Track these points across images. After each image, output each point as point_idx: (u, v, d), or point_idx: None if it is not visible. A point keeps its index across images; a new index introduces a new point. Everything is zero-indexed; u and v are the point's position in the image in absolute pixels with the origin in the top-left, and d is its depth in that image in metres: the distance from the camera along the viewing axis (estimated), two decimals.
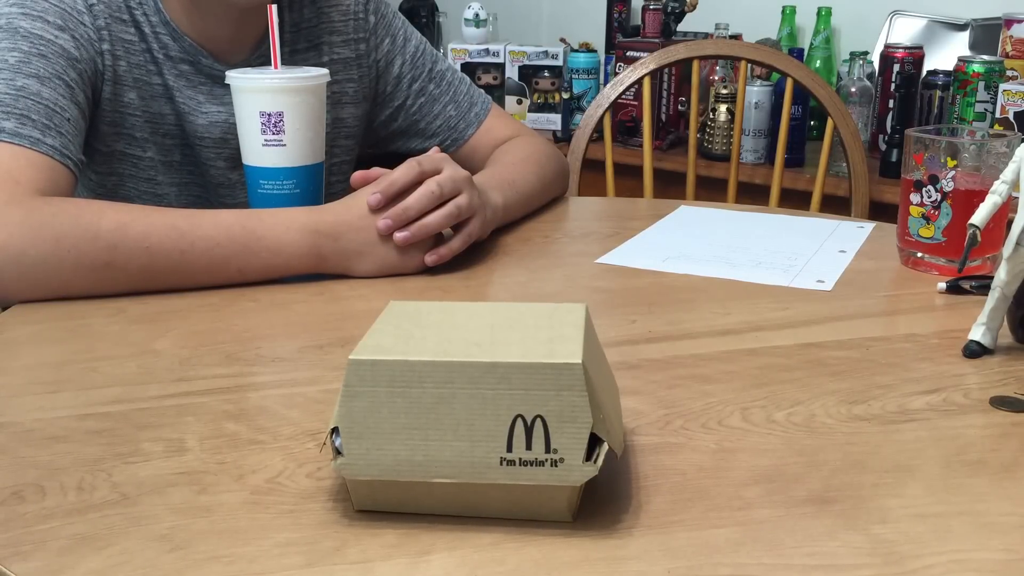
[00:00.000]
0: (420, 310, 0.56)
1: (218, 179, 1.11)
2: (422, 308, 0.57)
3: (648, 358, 0.73)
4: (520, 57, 2.55)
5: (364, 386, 0.49)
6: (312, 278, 0.91)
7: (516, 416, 0.49)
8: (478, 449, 0.49)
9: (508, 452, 0.49)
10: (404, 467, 0.49)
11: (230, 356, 0.74)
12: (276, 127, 0.94)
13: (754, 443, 0.60)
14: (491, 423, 0.49)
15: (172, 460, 0.58)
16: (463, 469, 0.49)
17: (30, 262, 0.82)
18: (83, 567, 0.47)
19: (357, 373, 0.49)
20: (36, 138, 0.89)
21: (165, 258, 0.85)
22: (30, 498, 0.53)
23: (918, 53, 2.15)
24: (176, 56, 1.05)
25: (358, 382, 0.49)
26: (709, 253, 1.01)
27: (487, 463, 0.49)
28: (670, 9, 2.42)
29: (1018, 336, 0.76)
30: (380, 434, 0.49)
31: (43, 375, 0.70)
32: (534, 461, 0.49)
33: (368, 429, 0.49)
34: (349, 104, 1.17)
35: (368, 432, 0.49)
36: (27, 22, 0.94)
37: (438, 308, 0.57)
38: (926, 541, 0.50)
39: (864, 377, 0.70)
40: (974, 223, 0.78)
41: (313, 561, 0.48)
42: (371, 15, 1.17)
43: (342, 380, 0.50)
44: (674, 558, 0.48)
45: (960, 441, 0.61)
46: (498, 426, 0.49)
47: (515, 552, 0.48)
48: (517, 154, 1.17)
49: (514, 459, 0.49)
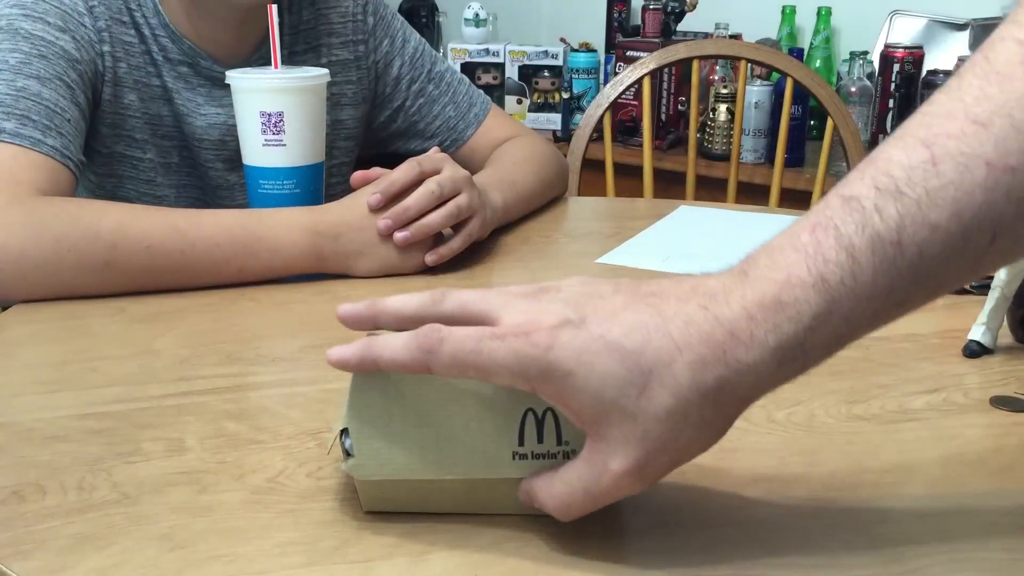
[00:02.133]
0: None
1: (216, 181, 1.11)
2: None
3: None
4: (520, 57, 2.55)
5: (373, 386, 0.49)
6: (312, 278, 0.91)
7: (527, 410, 0.49)
8: (490, 445, 0.49)
9: (520, 446, 0.49)
10: (416, 466, 0.49)
11: (230, 356, 0.74)
12: (276, 127, 0.94)
13: (754, 443, 0.60)
14: (501, 418, 0.49)
15: (172, 460, 0.58)
16: (475, 465, 0.49)
17: (30, 262, 0.82)
18: (84, 566, 0.47)
19: (366, 373, 0.49)
20: (37, 139, 0.89)
21: (165, 258, 0.85)
22: (30, 497, 0.53)
23: (918, 53, 2.15)
24: (175, 58, 1.05)
25: (366, 382, 0.49)
26: (709, 253, 1.01)
27: (500, 458, 0.49)
28: (670, 9, 2.42)
29: (1018, 336, 0.76)
30: (391, 434, 0.49)
31: (43, 375, 0.70)
32: (546, 454, 0.49)
33: (378, 429, 0.49)
34: (348, 106, 1.17)
35: (379, 432, 0.49)
36: (28, 23, 0.94)
37: None
38: (926, 541, 0.50)
39: (864, 377, 0.70)
40: None
41: (313, 560, 0.48)
42: (370, 17, 1.17)
43: (349, 381, 0.50)
44: (674, 558, 0.48)
45: (960, 441, 0.61)
46: (509, 421, 0.49)
47: (515, 552, 0.48)
48: (517, 154, 1.17)
49: (526, 453, 0.49)
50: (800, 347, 0.44)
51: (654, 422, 0.44)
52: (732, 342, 0.44)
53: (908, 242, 0.43)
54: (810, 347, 0.44)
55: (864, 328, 0.45)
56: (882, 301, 0.44)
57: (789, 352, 0.44)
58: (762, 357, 0.44)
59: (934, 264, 0.43)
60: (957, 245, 0.43)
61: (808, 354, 0.44)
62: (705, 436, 0.46)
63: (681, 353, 0.44)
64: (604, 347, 0.44)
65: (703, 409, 0.44)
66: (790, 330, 0.43)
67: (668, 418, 0.44)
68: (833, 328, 0.44)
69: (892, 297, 0.44)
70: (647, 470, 0.45)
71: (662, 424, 0.44)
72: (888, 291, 0.43)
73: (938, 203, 0.42)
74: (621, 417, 0.44)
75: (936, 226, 0.42)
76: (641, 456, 0.44)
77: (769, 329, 0.44)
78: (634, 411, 0.44)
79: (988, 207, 0.42)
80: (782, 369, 0.44)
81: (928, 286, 0.44)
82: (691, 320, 0.44)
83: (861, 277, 0.43)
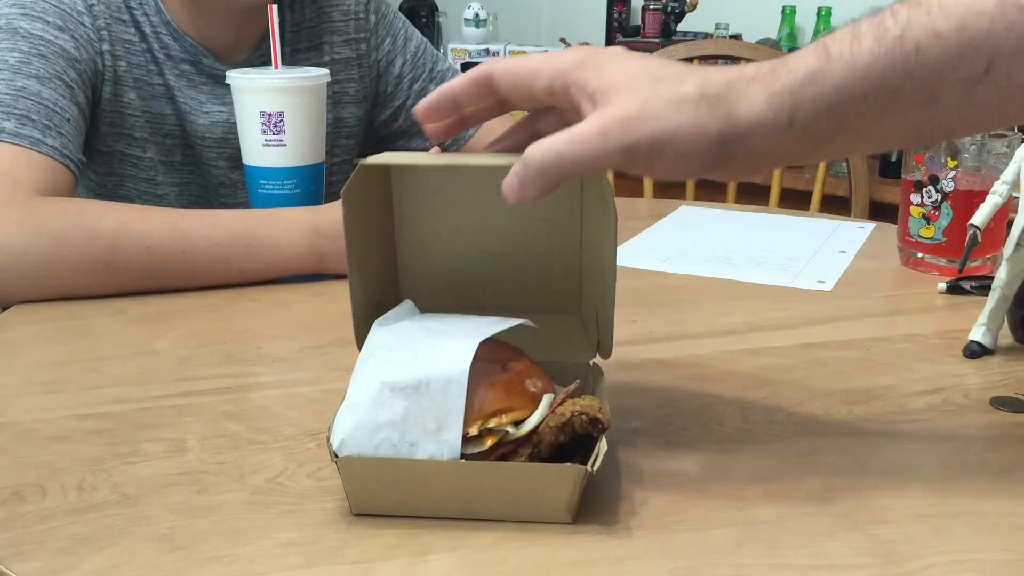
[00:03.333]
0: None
1: (219, 179, 1.11)
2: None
3: (649, 358, 0.73)
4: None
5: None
6: (312, 278, 0.91)
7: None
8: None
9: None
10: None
11: (230, 356, 0.74)
12: (276, 127, 0.94)
13: (755, 443, 0.60)
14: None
15: (172, 460, 0.58)
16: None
17: (31, 262, 0.82)
18: (84, 567, 0.47)
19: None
20: (36, 138, 0.89)
21: (165, 258, 0.85)
22: (30, 498, 0.53)
23: None
24: (177, 56, 1.05)
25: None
26: (709, 253, 1.01)
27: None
28: (670, 9, 2.42)
29: (1018, 336, 0.76)
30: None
31: (43, 375, 0.70)
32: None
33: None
34: (350, 104, 1.17)
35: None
36: (27, 22, 0.94)
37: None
38: (926, 541, 0.50)
39: (864, 377, 0.70)
40: (975, 223, 0.78)
41: (313, 561, 0.48)
42: (372, 15, 1.17)
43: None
44: (674, 558, 0.48)
45: (960, 441, 0.61)
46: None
47: (516, 552, 0.48)
48: None
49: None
50: (790, 94, 0.49)
51: (654, 96, 0.50)
52: (739, 78, 0.50)
53: (909, 38, 0.47)
54: (799, 99, 0.49)
55: (853, 101, 0.49)
56: (874, 84, 0.48)
57: (779, 94, 0.49)
58: (757, 92, 0.50)
59: (928, 67, 0.48)
60: (952, 58, 0.47)
61: (796, 105, 0.49)
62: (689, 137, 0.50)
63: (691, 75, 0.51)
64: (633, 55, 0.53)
65: (699, 108, 0.50)
66: (785, 79, 0.49)
67: (668, 100, 0.50)
68: (822, 88, 0.49)
69: (884, 83, 0.48)
70: (632, 125, 0.49)
71: (661, 101, 0.50)
72: (881, 76, 0.48)
73: (946, 16, 0.47)
74: (628, 88, 0.50)
75: (939, 34, 0.47)
76: (632, 112, 0.50)
77: (769, 73, 0.50)
78: (641, 87, 0.50)
79: (989, 35, 0.47)
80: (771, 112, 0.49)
81: (920, 89, 0.48)
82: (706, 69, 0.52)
83: (859, 54, 0.48)
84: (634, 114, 0.49)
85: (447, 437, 0.49)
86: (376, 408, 0.50)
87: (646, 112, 0.49)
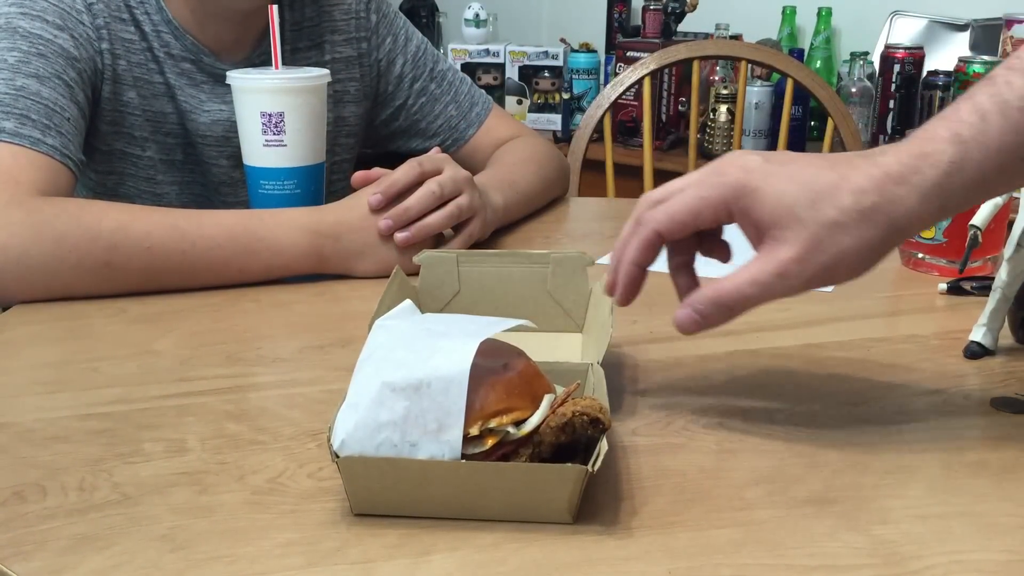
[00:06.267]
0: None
1: (220, 178, 1.11)
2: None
3: (649, 358, 0.74)
4: (520, 57, 2.55)
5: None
6: (313, 278, 0.91)
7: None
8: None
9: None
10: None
11: (231, 356, 0.74)
12: (277, 127, 0.94)
13: (755, 443, 0.60)
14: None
15: (173, 460, 0.58)
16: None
17: (31, 262, 0.82)
18: (84, 567, 0.47)
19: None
20: (36, 138, 0.89)
21: (166, 258, 0.85)
22: (31, 498, 0.53)
23: (918, 53, 2.15)
24: (178, 55, 1.05)
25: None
26: None
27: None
28: (670, 9, 2.42)
29: (1019, 337, 0.76)
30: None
31: (44, 375, 0.70)
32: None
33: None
34: (350, 103, 1.17)
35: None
36: (26, 22, 0.94)
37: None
38: (927, 542, 0.50)
39: (865, 378, 0.70)
40: (975, 224, 0.78)
41: (314, 561, 0.48)
42: (372, 14, 1.17)
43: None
44: (675, 558, 0.48)
45: (961, 442, 0.61)
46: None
47: (516, 553, 0.48)
48: (518, 155, 1.17)
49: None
50: (939, 188, 0.54)
51: (819, 227, 0.55)
52: (886, 179, 0.55)
53: None
54: (948, 190, 0.54)
55: (994, 178, 0.55)
56: (1008, 155, 0.54)
57: (930, 191, 0.54)
58: (909, 193, 0.55)
59: None
60: None
61: (946, 196, 0.55)
62: (858, 253, 0.56)
63: (847, 182, 0.55)
64: (785, 174, 0.57)
65: (860, 227, 0.55)
66: (931, 174, 0.54)
67: (831, 226, 0.55)
68: (967, 175, 0.54)
69: (1016, 152, 0.54)
70: (807, 263, 0.56)
71: (826, 229, 0.55)
72: (1013, 147, 0.54)
73: None
74: (793, 220, 0.56)
75: None
76: (804, 250, 0.56)
77: (914, 171, 0.55)
78: (804, 217, 0.55)
79: None
80: (924, 206, 0.55)
81: None
82: (854, 166, 0.56)
83: (990, 133, 0.54)
84: (805, 253, 0.56)
85: (448, 437, 0.49)
86: (377, 408, 0.50)
87: (815, 246, 0.55)
